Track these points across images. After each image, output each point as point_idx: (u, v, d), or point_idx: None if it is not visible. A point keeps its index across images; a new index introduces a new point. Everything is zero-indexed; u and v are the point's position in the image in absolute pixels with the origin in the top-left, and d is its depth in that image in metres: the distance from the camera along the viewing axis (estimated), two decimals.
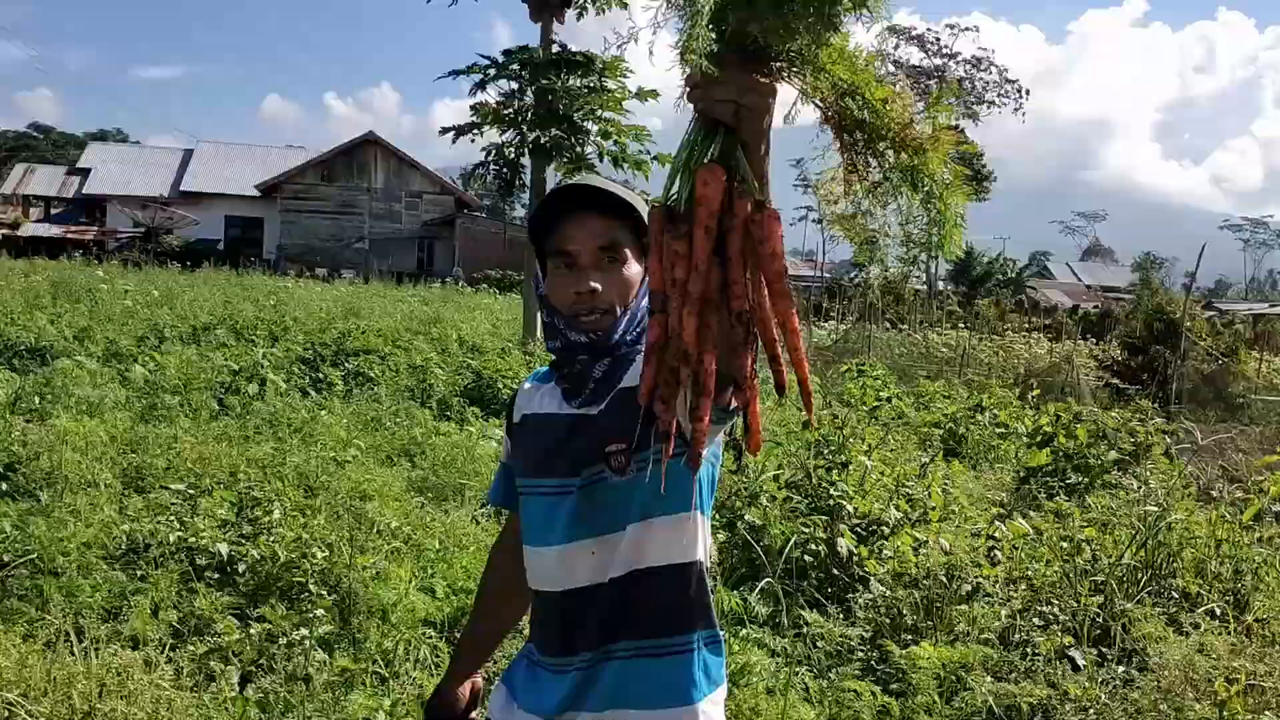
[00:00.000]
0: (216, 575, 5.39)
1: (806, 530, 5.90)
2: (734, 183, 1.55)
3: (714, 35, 1.50)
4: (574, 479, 2.00)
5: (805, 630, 5.15)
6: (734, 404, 1.69)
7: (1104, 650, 5.14)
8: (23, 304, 15.03)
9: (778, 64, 1.55)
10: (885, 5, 1.58)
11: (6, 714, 3.92)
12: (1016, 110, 67.96)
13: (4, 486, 6.70)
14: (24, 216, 52.61)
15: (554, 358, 2.12)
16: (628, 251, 2.03)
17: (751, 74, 1.50)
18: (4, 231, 48.09)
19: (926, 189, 1.66)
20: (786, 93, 1.61)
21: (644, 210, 2.01)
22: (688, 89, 1.56)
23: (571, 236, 2.02)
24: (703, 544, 2.07)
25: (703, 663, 2.04)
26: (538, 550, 2.09)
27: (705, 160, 1.55)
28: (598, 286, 2.00)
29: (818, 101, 1.63)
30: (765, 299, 1.58)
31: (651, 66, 1.61)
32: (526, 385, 2.25)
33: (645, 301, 2.01)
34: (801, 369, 1.63)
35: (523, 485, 2.15)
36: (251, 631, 4.67)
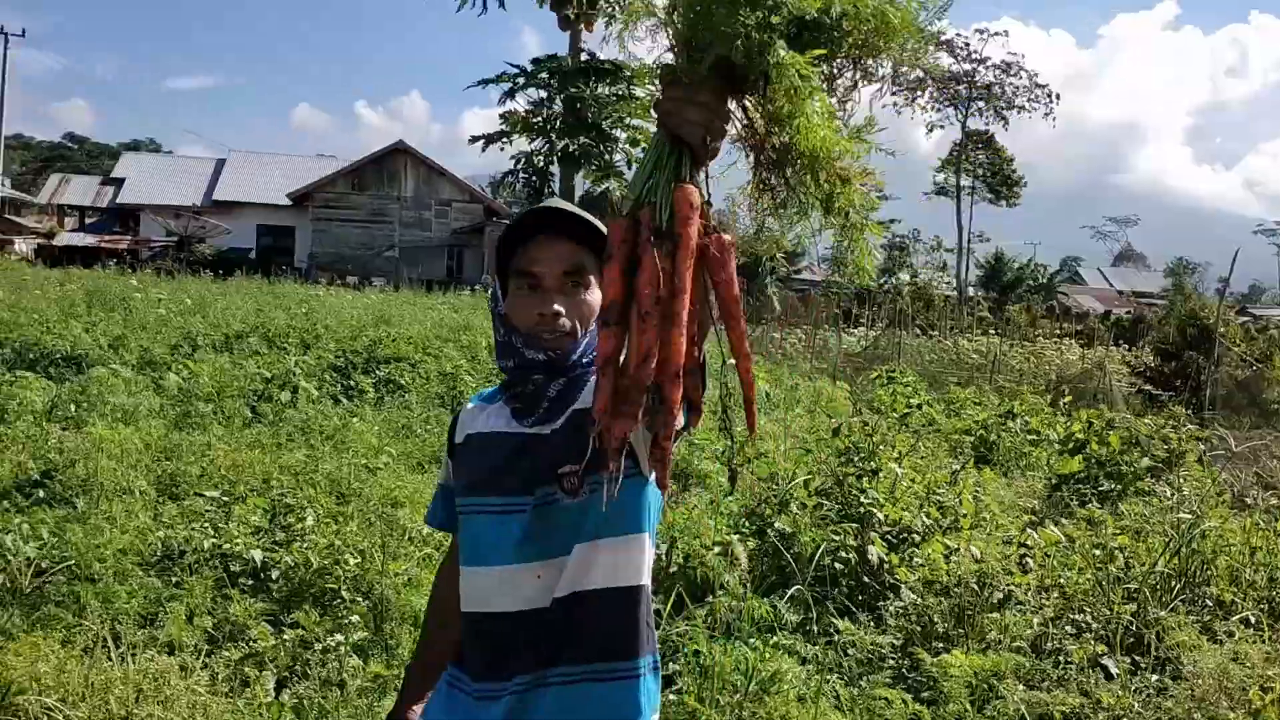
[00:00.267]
0: (250, 581, 5.44)
1: (837, 538, 5.89)
2: (705, 203, 1.58)
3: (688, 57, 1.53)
4: (526, 498, 1.98)
5: (836, 638, 5.14)
6: (691, 424, 1.71)
7: (1137, 659, 5.11)
8: (58, 313, 15.19)
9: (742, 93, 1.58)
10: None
11: (45, 719, 3.98)
12: (1047, 115, 67.63)
13: (41, 493, 6.78)
14: (59, 226, 53.18)
15: (505, 376, 2.12)
16: (591, 277, 2.03)
17: (725, 99, 1.52)
18: (40, 241, 48.62)
19: (844, 218, 1.69)
20: None
21: None
22: (661, 104, 1.58)
23: (537, 258, 2.03)
24: (649, 568, 2.05)
25: (648, 689, 2.02)
26: (478, 570, 2.05)
27: (670, 173, 1.58)
28: (561, 310, 2.01)
29: (742, 121, 1.66)
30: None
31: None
32: (471, 405, 2.24)
33: None
34: (750, 390, 1.68)
35: (464, 504, 2.11)
36: (285, 638, 4.72)
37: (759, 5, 1.48)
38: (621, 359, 1.62)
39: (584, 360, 2.04)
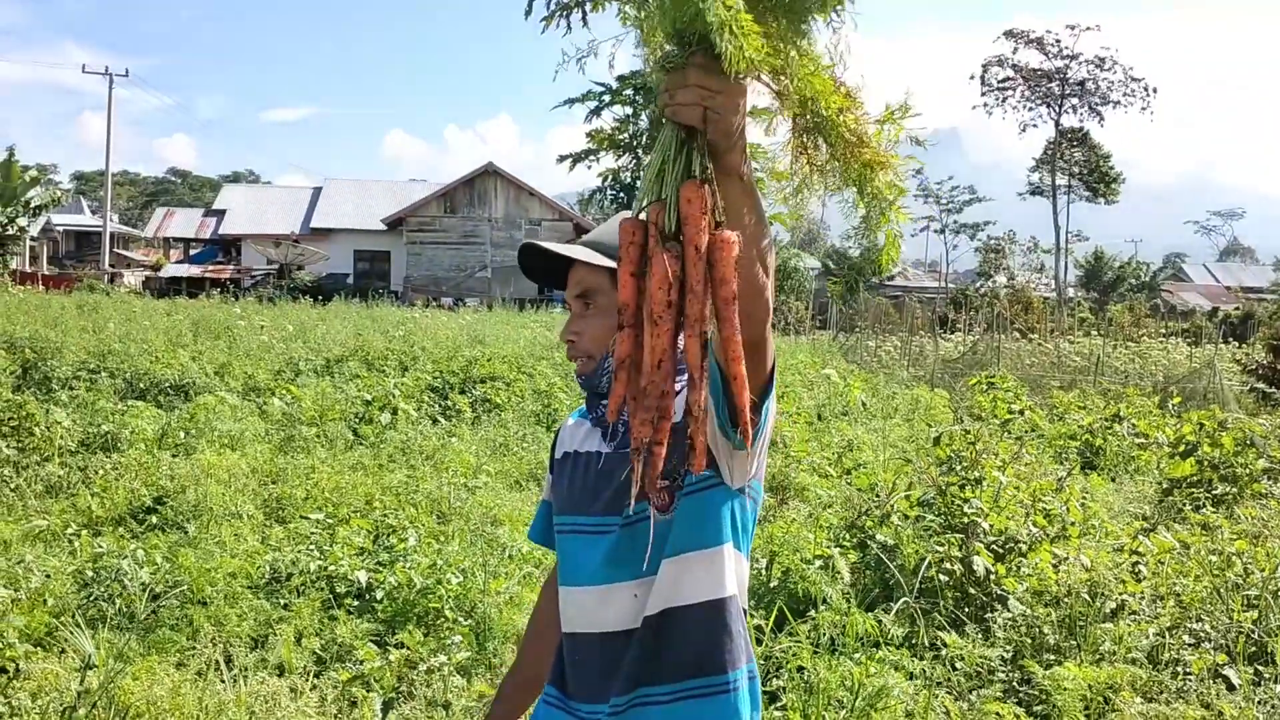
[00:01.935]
0: (356, 602, 5.52)
1: (940, 549, 5.78)
2: (714, 197, 1.55)
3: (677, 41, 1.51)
4: (615, 517, 1.98)
5: (943, 651, 5.04)
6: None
7: (1260, 668, 4.94)
8: (166, 342, 15.62)
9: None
10: (850, 6, 1.56)
11: None
12: (1144, 109, 65.96)
13: (154, 519, 6.97)
14: (165, 258, 54.92)
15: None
16: (602, 298, 2.04)
17: (716, 76, 1.48)
18: (147, 273, 50.26)
19: (870, 203, 1.66)
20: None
21: (595, 258, 2.05)
22: (660, 97, 1.56)
23: (567, 286, 2.10)
24: (736, 579, 2.02)
25: (744, 702, 1.99)
26: (574, 590, 2.06)
27: (680, 170, 1.55)
28: (573, 334, 2.07)
29: (773, 86, 1.62)
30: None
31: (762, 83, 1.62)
32: (571, 421, 2.25)
33: None
34: (741, 396, 1.60)
35: (559, 523, 2.14)
36: (391, 658, 4.77)
37: None
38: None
39: None
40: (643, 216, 1.60)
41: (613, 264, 1.96)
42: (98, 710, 4.09)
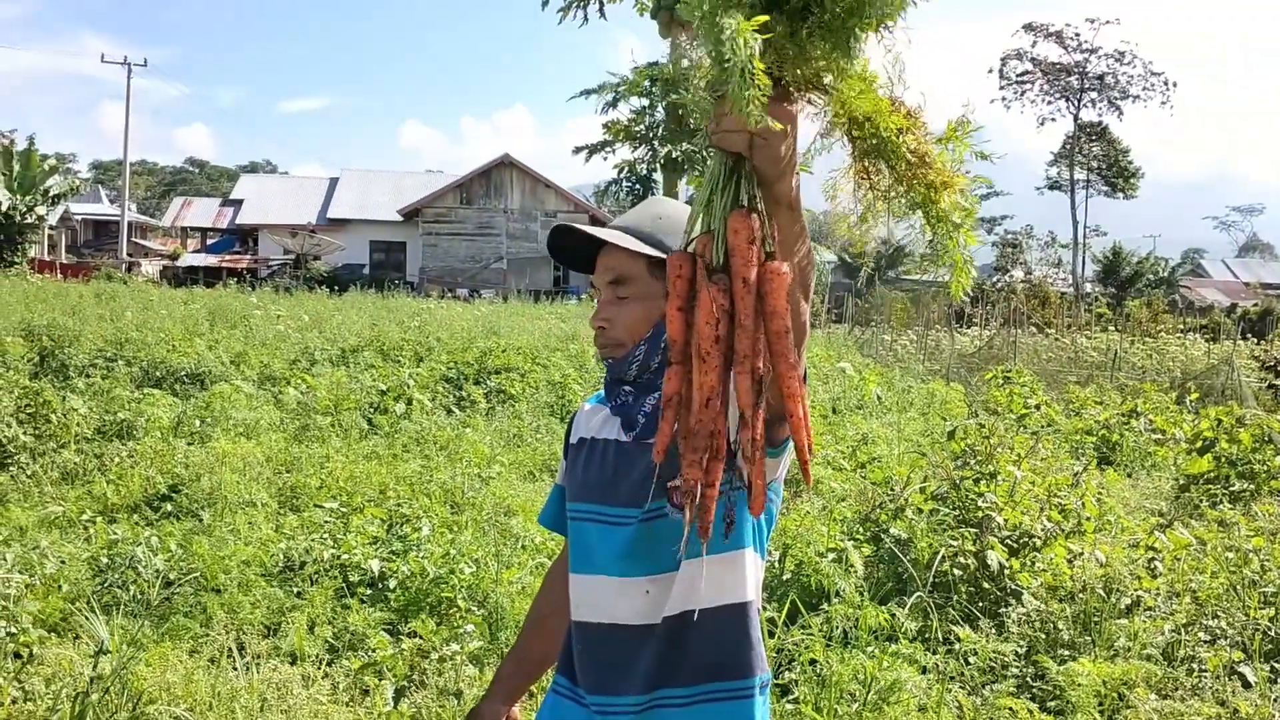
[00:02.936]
0: (369, 591, 5.53)
1: (954, 543, 5.76)
2: (763, 226, 1.51)
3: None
4: (634, 510, 1.95)
5: (956, 646, 5.02)
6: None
7: (1276, 666, 4.91)
8: (183, 331, 15.68)
9: (792, 89, 1.50)
10: (903, 19, 1.48)
11: None
12: (1164, 104, 65.56)
13: (169, 507, 7.00)
14: (182, 247, 55.10)
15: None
16: (636, 285, 2.00)
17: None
18: (165, 262, 50.47)
19: (937, 226, 1.61)
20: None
21: (630, 243, 2.00)
22: (707, 124, 1.52)
23: (596, 272, 2.06)
24: (754, 583, 2.00)
25: (763, 706, 1.98)
26: (586, 579, 2.03)
27: (728, 200, 1.51)
28: (603, 321, 2.02)
29: (830, 109, 1.57)
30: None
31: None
32: (587, 406, 2.21)
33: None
34: (799, 435, 1.55)
35: (574, 509, 2.10)
36: (403, 647, 4.78)
37: None
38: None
39: (651, 370, 2.01)
40: (692, 249, 1.55)
41: (648, 250, 1.95)
42: (111, 696, 4.10)
